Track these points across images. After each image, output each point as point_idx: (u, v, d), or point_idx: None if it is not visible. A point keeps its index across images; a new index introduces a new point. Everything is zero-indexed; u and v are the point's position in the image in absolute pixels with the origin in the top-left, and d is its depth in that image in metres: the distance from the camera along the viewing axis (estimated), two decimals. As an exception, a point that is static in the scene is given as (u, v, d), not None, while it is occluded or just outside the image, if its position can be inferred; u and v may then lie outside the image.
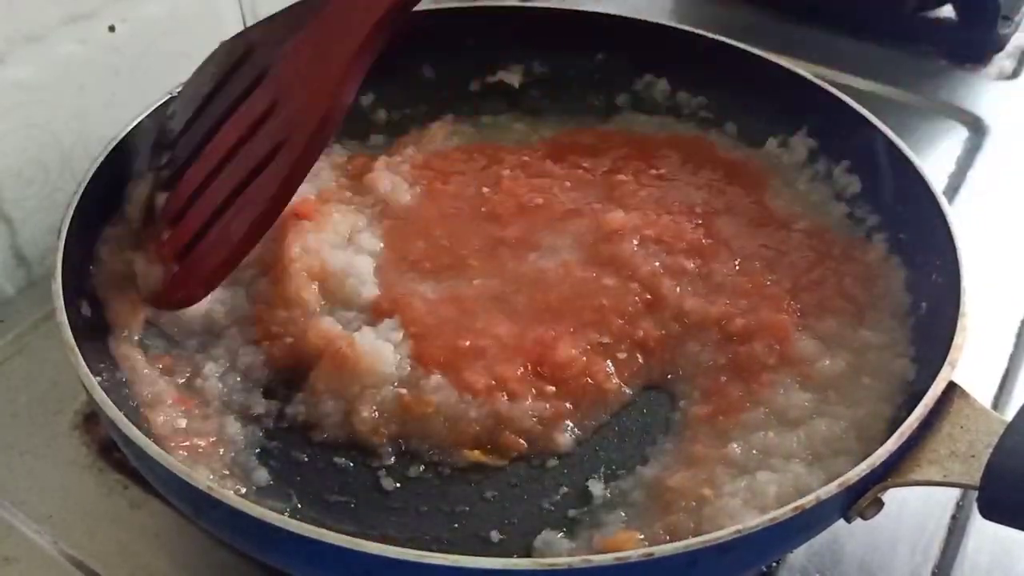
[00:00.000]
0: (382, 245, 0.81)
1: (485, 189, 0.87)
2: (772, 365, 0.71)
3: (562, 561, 0.49)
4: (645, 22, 0.95)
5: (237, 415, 0.70)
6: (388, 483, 0.67)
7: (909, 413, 0.57)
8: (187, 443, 0.66)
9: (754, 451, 0.65)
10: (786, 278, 0.78)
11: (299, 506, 0.65)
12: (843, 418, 0.66)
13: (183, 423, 0.67)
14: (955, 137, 1.08)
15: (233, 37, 0.77)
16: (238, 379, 0.72)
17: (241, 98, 0.72)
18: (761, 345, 0.72)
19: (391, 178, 0.87)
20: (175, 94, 0.79)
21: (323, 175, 0.87)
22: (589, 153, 0.92)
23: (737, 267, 0.79)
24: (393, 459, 0.69)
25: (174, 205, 0.73)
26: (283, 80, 0.70)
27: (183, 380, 0.71)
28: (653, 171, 0.89)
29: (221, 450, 0.67)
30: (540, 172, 0.89)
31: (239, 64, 0.73)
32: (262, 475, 0.67)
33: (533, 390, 0.70)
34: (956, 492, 0.72)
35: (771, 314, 0.74)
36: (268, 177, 0.68)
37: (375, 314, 0.75)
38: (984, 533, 0.69)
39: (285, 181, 0.68)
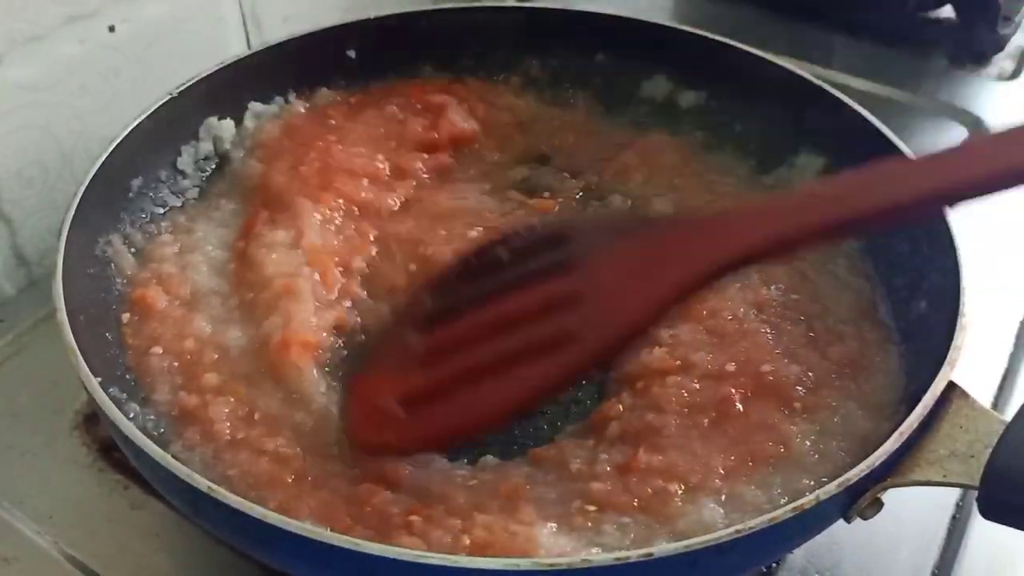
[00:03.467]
0: None
1: None
2: None
3: (562, 561, 0.49)
4: (645, 22, 0.95)
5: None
6: None
7: (908, 413, 0.57)
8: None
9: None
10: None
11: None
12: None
13: (183, 423, 0.67)
14: (955, 137, 1.08)
15: (555, 221, 0.76)
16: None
17: (538, 275, 0.66)
18: None
19: None
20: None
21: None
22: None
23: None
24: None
25: (430, 345, 0.66)
26: (594, 277, 0.64)
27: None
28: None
29: (221, 450, 0.67)
30: None
31: (549, 243, 0.68)
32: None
33: None
34: (956, 492, 0.72)
35: None
36: (544, 367, 0.62)
37: None
38: (984, 534, 0.69)
39: (559, 378, 0.62)
